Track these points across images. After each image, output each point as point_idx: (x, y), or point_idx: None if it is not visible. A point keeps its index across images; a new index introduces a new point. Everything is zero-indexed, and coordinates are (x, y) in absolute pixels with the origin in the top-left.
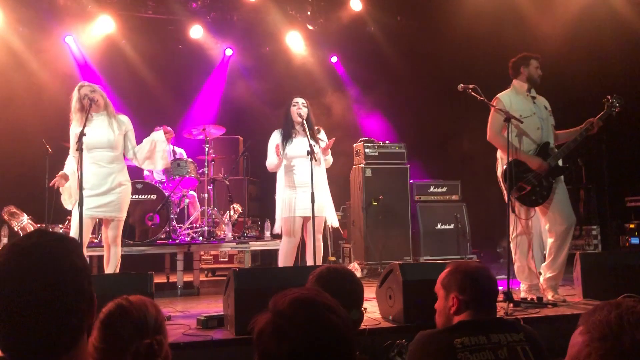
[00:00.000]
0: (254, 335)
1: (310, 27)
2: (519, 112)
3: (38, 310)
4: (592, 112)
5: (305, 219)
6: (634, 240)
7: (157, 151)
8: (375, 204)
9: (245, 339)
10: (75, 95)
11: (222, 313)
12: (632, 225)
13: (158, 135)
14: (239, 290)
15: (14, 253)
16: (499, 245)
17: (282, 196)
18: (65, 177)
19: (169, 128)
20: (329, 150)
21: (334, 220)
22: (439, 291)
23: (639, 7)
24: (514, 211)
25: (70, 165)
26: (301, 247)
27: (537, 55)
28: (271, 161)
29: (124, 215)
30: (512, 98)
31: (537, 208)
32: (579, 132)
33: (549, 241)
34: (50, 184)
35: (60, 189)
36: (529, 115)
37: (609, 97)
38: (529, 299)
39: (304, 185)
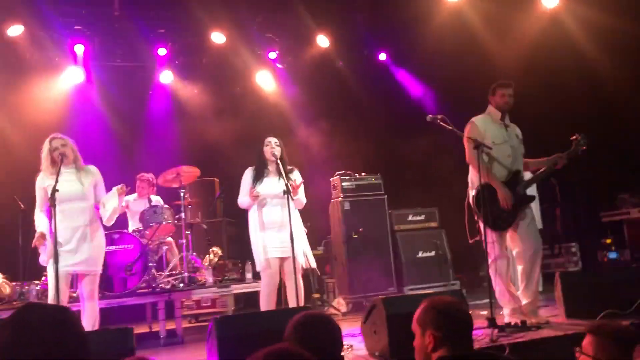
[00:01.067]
0: None
1: (279, 66)
2: (492, 138)
3: None
4: (549, 137)
5: (281, 259)
6: (612, 255)
7: (107, 209)
8: (356, 236)
9: None
10: (45, 147)
11: None
12: (608, 240)
13: (110, 194)
14: (222, 339)
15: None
16: (481, 269)
17: (256, 237)
18: (44, 237)
19: (123, 186)
20: (302, 192)
21: (311, 261)
22: (416, 329)
23: (591, 33)
24: (479, 235)
25: (42, 223)
26: (282, 288)
27: (505, 83)
28: (243, 200)
29: (100, 269)
30: (487, 124)
31: (508, 233)
32: (548, 165)
33: (519, 268)
34: (33, 245)
35: (39, 249)
36: (501, 142)
37: (578, 135)
38: (512, 323)
39: (276, 225)
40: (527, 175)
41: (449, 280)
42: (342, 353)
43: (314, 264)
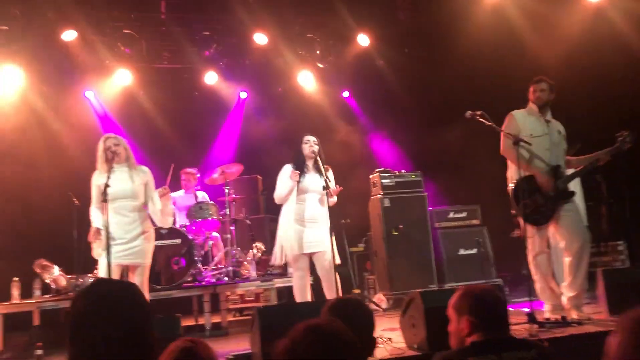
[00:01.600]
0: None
1: (320, 65)
2: (530, 130)
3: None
4: (595, 134)
5: (312, 254)
6: None
7: (155, 212)
8: (396, 233)
9: None
10: (100, 147)
11: (250, 351)
12: None
13: (155, 198)
14: (264, 328)
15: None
16: (524, 267)
17: (289, 231)
18: (99, 232)
19: (165, 188)
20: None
21: (336, 257)
22: (452, 315)
23: (638, 25)
24: (519, 228)
25: (97, 218)
26: (318, 283)
27: (536, 79)
28: (282, 190)
29: (149, 261)
30: (525, 116)
31: (551, 228)
32: (590, 162)
33: (566, 260)
34: (88, 240)
35: (94, 243)
36: (540, 135)
37: (623, 132)
38: (552, 319)
39: (312, 220)
40: (570, 172)
41: (491, 278)
42: (376, 336)
43: (338, 261)
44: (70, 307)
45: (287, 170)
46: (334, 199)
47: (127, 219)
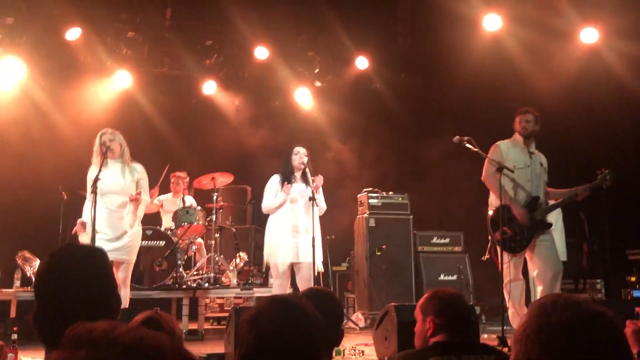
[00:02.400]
0: (239, 324)
1: (318, 84)
2: (513, 162)
3: (80, 291)
4: (589, 167)
5: (294, 264)
6: (636, 294)
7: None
8: (379, 253)
9: None
10: (96, 141)
11: (223, 352)
12: (633, 278)
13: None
14: (237, 335)
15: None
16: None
17: (274, 240)
18: (84, 225)
19: (133, 195)
20: (322, 198)
21: (319, 265)
22: (418, 315)
23: (633, 65)
24: (493, 253)
25: (86, 213)
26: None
27: (522, 110)
28: (270, 202)
29: (134, 258)
30: (510, 148)
31: (526, 256)
32: (567, 195)
33: (539, 289)
34: (72, 232)
35: (79, 236)
36: (522, 167)
37: (604, 169)
38: None
39: (297, 230)
40: (550, 202)
41: None
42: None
43: (321, 268)
44: (38, 267)
45: (274, 180)
46: (323, 206)
47: (116, 214)
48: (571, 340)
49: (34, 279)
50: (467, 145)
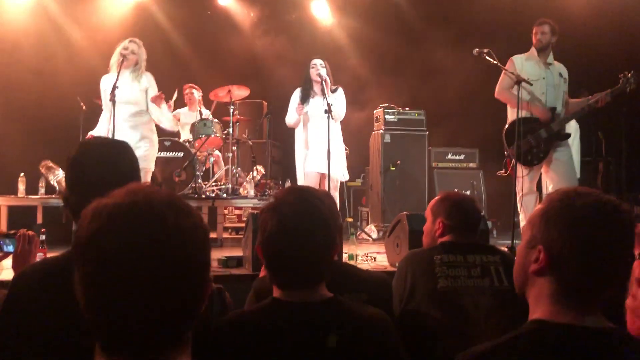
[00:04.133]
0: (259, 213)
1: None
2: (527, 75)
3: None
4: (614, 84)
5: (321, 175)
6: None
7: (154, 116)
8: (393, 169)
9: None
10: (121, 45)
11: (241, 255)
12: None
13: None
14: (256, 231)
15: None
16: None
17: (300, 153)
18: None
19: (158, 94)
20: (343, 103)
21: (345, 175)
22: (428, 216)
23: None
24: (508, 168)
25: (102, 123)
26: None
27: (539, 21)
28: (291, 118)
29: (152, 166)
30: (524, 61)
31: (543, 169)
32: (588, 103)
33: None
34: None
35: None
36: (536, 79)
37: (627, 72)
38: None
39: (320, 143)
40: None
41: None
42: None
43: (347, 177)
44: (71, 155)
45: (295, 95)
46: (341, 114)
47: (128, 123)
48: (593, 222)
49: (57, 187)
50: (487, 57)
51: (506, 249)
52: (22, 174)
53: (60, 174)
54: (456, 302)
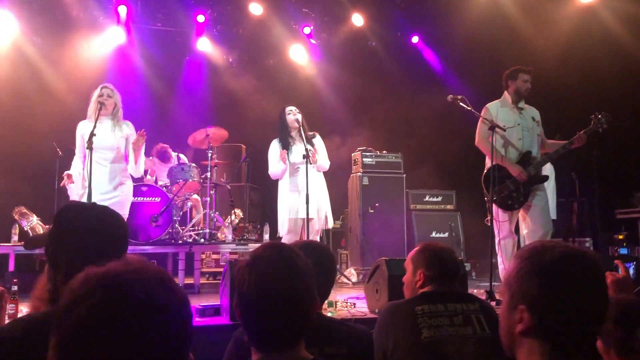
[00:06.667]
0: (235, 272)
1: (313, 42)
2: (503, 122)
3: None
4: (584, 127)
5: (303, 221)
6: (623, 251)
7: (130, 158)
8: (372, 211)
9: (239, 324)
10: (95, 93)
11: (218, 304)
12: (621, 236)
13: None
14: (234, 280)
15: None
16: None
17: (286, 199)
18: (70, 177)
19: (140, 132)
20: (324, 156)
21: (330, 221)
22: (408, 266)
23: (630, 26)
24: (491, 213)
25: (75, 167)
26: None
27: (528, 69)
28: (276, 169)
29: (127, 213)
30: (499, 108)
31: (520, 213)
32: (563, 145)
33: None
34: (61, 185)
35: (67, 187)
36: (513, 125)
37: (598, 113)
38: None
39: (302, 189)
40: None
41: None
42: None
43: (332, 224)
44: (55, 218)
45: (274, 146)
46: (325, 164)
47: (106, 169)
48: (565, 272)
49: (31, 234)
50: (461, 104)
51: (485, 292)
52: None
53: (34, 220)
54: (440, 351)
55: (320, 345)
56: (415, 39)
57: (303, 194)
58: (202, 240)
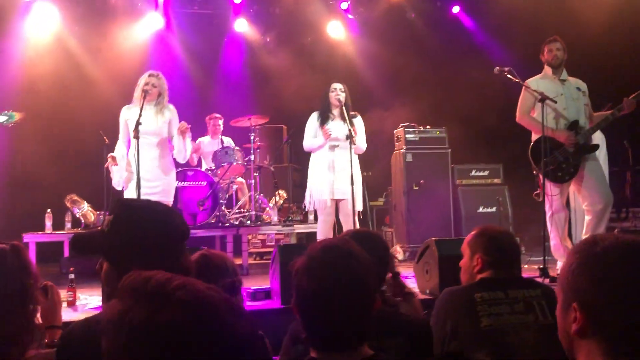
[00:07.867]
0: (293, 273)
1: (350, 17)
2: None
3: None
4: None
5: (338, 201)
6: None
7: (176, 148)
8: (417, 188)
9: (289, 308)
10: (141, 82)
11: (269, 287)
12: None
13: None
14: (284, 264)
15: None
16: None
17: (316, 177)
18: (114, 159)
19: (183, 124)
20: (363, 138)
21: (359, 204)
22: (465, 251)
23: None
24: (541, 187)
25: (119, 150)
26: (337, 229)
27: (551, 39)
28: (311, 143)
29: (171, 199)
30: (539, 82)
31: (572, 186)
32: (611, 112)
33: (587, 219)
34: (105, 166)
35: (111, 169)
36: (555, 96)
37: None
38: None
39: (338, 168)
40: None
41: None
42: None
43: (360, 208)
44: (115, 218)
45: (313, 119)
46: (363, 146)
47: (150, 155)
48: (618, 263)
49: (83, 221)
50: (508, 76)
51: (538, 269)
52: (48, 210)
53: (85, 206)
54: (501, 341)
55: (378, 336)
56: (456, 9)
57: (340, 174)
58: (249, 222)
